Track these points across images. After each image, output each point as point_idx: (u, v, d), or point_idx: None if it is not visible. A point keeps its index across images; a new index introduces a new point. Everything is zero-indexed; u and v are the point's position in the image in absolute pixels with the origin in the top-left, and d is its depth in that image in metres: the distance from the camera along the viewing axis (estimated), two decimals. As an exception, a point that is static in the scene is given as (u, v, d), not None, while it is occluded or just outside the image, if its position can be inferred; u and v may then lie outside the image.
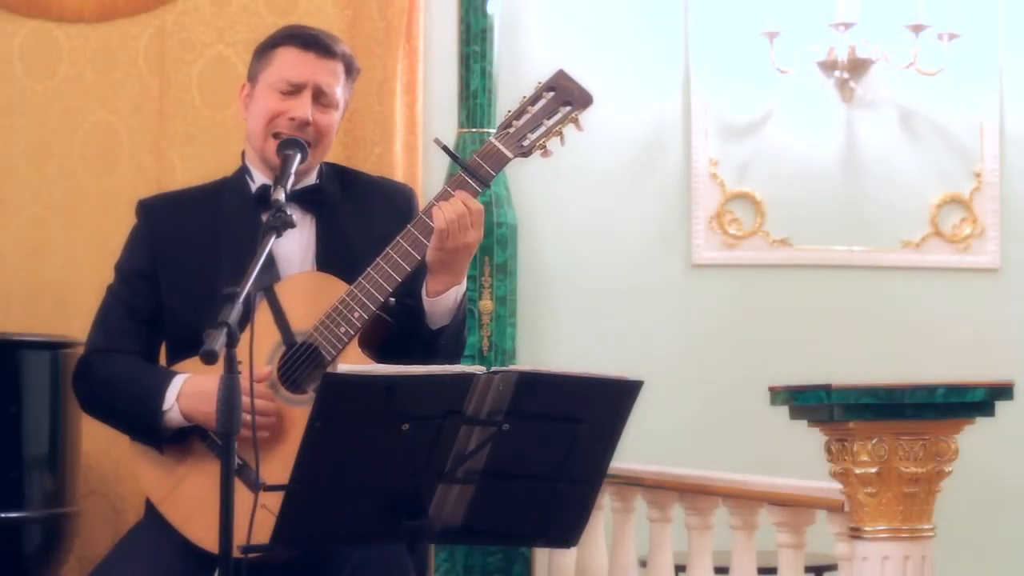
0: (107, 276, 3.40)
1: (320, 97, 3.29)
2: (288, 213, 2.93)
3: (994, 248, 5.38)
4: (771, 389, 3.19)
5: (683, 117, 5.23)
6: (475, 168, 3.18)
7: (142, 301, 3.30)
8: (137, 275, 3.32)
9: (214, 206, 3.34)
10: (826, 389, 3.04)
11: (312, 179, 3.35)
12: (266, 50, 3.35)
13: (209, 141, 4.76)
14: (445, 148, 3.25)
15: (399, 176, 4.71)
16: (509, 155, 3.20)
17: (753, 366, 5.07)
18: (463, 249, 3.14)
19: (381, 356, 3.21)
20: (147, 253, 3.33)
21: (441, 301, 3.18)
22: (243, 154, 3.40)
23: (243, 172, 3.37)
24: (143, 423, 3.17)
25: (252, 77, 3.36)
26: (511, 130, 3.21)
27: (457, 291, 3.19)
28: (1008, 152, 5.39)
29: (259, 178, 3.34)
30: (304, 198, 3.30)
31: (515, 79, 4.82)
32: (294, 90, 3.28)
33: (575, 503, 2.89)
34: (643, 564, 4.06)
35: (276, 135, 3.26)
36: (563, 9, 5.17)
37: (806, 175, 5.29)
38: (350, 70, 3.36)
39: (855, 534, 3.08)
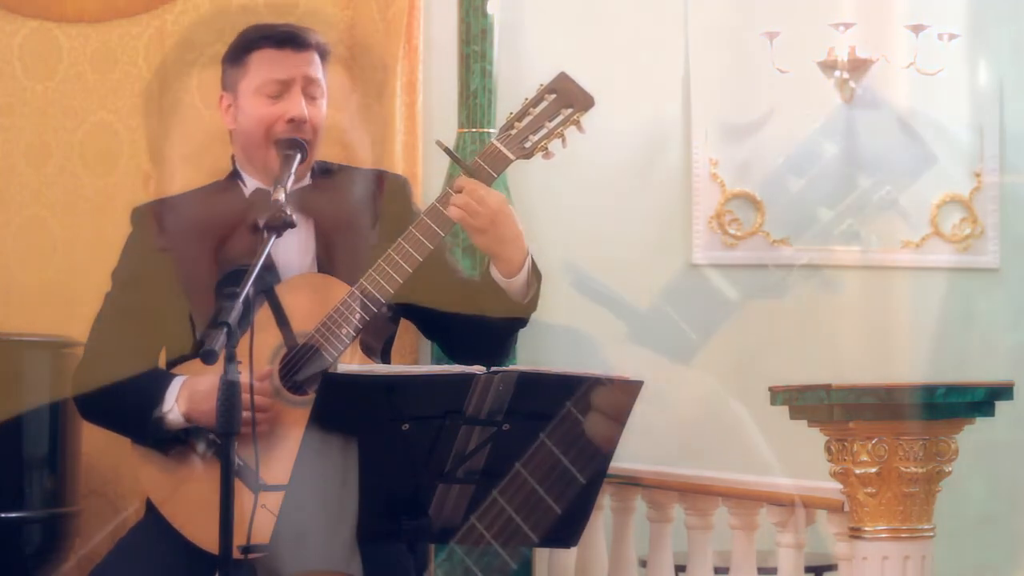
0: (107, 276, 3.40)
1: (308, 89, 3.29)
2: (288, 213, 2.94)
3: (994, 248, 5.38)
4: (771, 389, 3.19)
5: (683, 117, 5.22)
6: (476, 169, 3.19)
7: (140, 308, 3.30)
8: (134, 282, 3.32)
9: (208, 210, 3.34)
10: (826, 389, 3.04)
11: (306, 180, 3.35)
12: (238, 56, 3.34)
13: (209, 141, 4.76)
14: (447, 150, 3.26)
15: (399, 176, 4.70)
16: (511, 156, 3.21)
17: (753, 366, 5.06)
18: (495, 219, 3.13)
19: (459, 358, 3.25)
20: (143, 260, 3.33)
21: (519, 278, 3.19)
22: (232, 158, 3.40)
23: (235, 176, 3.37)
24: (144, 426, 3.17)
25: (229, 87, 3.34)
26: (513, 132, 3.22)
27: (526, 262, 3.20)
28: (1008, 152, 5.39)
29: (251, 182, 3.34)
30: (301, 199, 3.29)
31: (515, 79, 4.81)
32: (282, 90, 3.27)
33: (575, 503, 2.89)
34: (643, 564, 4.06)
35: (277, 142, 3.25)
36: (563, 9, 5.16)
37: (806, 175, 5.28)
38: (324, 56, 3.36)
39: (855, 534, 3.07)
